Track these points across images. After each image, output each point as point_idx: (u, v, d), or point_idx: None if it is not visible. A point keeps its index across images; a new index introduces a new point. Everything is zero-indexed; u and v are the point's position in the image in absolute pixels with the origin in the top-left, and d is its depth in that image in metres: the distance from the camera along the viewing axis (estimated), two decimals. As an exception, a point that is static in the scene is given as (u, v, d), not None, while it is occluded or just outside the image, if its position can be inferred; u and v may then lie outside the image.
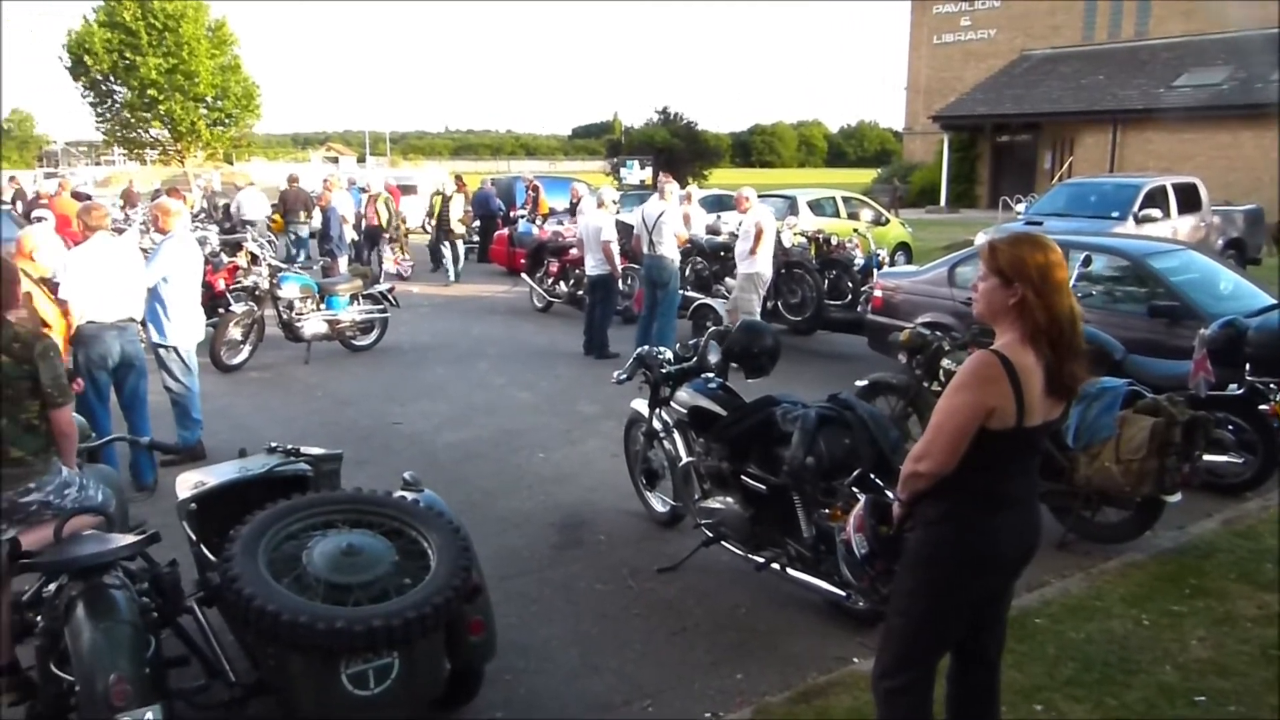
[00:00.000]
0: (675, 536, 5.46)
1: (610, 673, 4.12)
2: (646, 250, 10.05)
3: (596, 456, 6.99)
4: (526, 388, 9.24)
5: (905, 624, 2.88)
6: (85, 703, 2.80)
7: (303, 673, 2.97)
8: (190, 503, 3.84)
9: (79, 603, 3.03)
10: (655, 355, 5.42)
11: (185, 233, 7.21)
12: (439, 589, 3.06)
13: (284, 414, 8.26)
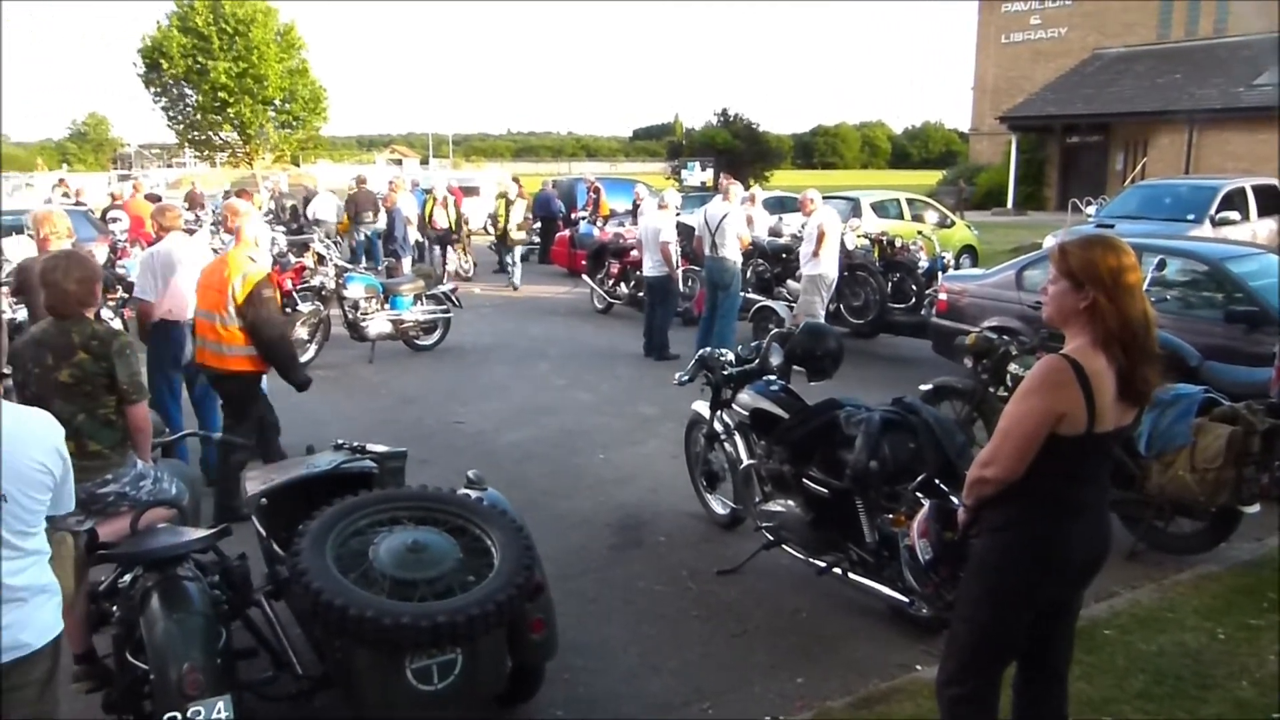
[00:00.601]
0: (735, 539, 5.44)
1: (669, 674, 4.12)
2: (708, 252, 10.04)
3: (656, 458, 6.99)
4: (587, 388, 9.28)
5: (970, 631, 2.84)
6: (159, 691, 2.88)
7: (368, 667, 3.02)
8: (259, 498, 3.93)
9: (154, 594, 3.12)
10: (717, 357, 5.40)
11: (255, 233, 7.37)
12: (502, 587, 3.09)
13: (349, 412, 8.41)
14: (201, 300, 5.75)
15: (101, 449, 3.76)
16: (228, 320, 5.54)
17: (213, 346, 5.65)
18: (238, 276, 5.53)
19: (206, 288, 5.69)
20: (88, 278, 3.82)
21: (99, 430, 3.76)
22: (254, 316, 5.51)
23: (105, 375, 3.76)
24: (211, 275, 5.70)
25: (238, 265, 5.60)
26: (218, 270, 5.67)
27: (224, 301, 5.52)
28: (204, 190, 21.87)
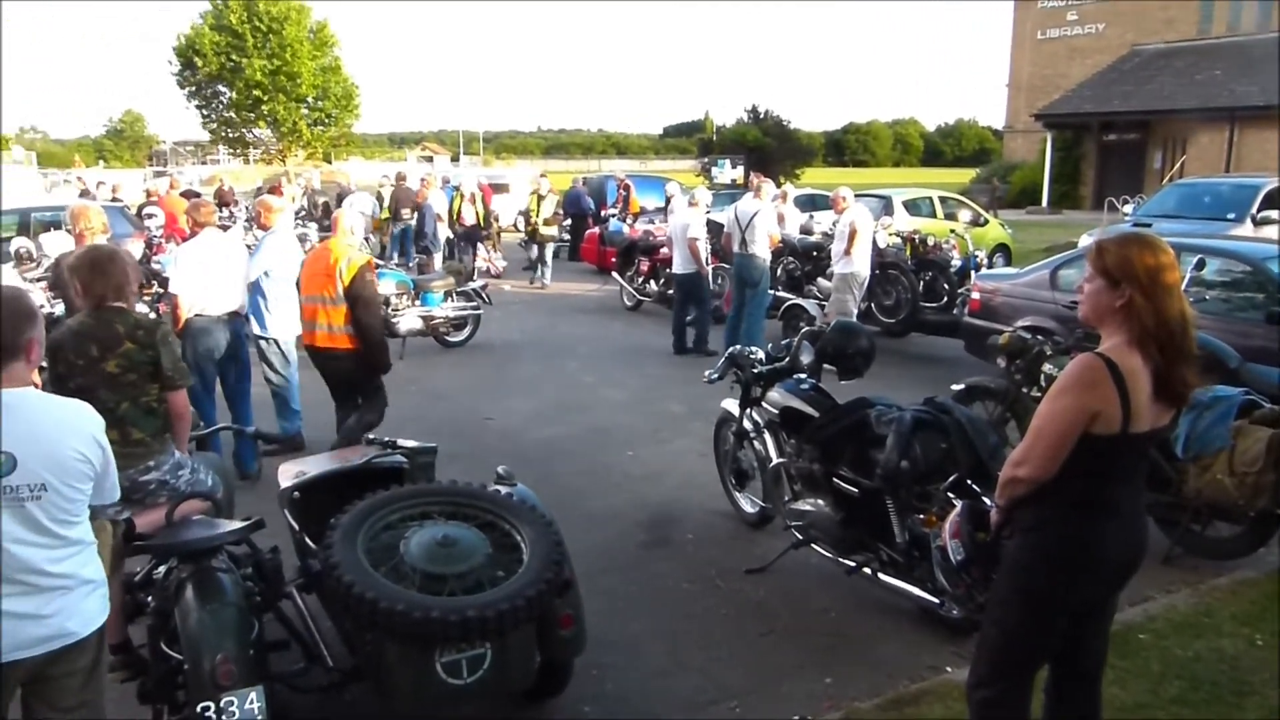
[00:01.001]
0: (764, 538, 5.43)
1: (697, 672, 4.11)
2: (737, 249, 10.01)
3: (685, 456, 6.98)
4: (616, 386, 9.29)
5: (1001, 633, 2.81)
6: (193, 681, 2.91)
7: (398, 660, 3.03)
8: (292, 491, 3.96)
9: (188, 585, 3.15)
10: (747, 355, 5.39)
11: (287, 229, 7.46)
12: (532, 582, 3.09)
13: (380, 407, 8.45)
14: (309, 286, 6.22)
15: (144, 437, 3.82)
16: (337, 301, 6.03)
17: (324, 328, 6.13)
18: (344, 261, 6.04)
19: (314, 274, 6.16)
20: (121, 273, 3.87)
21: (142, 418, 3.82)
22: (357, 297, 6.01)
23: (150, 363, 3.82)
24: (317, 262, 6.20)
25: (343, 251, 6.12)
26: (322, 257, 6.18)
27: (332, 285, 6.02)
28: (235, 187, 22.16)
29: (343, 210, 6.51)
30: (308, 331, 6.27)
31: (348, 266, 6.02)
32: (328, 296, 6.07)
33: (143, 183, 26.42)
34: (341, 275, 6.01)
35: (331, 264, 6.06)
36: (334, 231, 6.40)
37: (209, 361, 6.34)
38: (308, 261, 6.37)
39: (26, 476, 2.41)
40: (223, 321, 6.34)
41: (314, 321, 6.19)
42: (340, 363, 6.23)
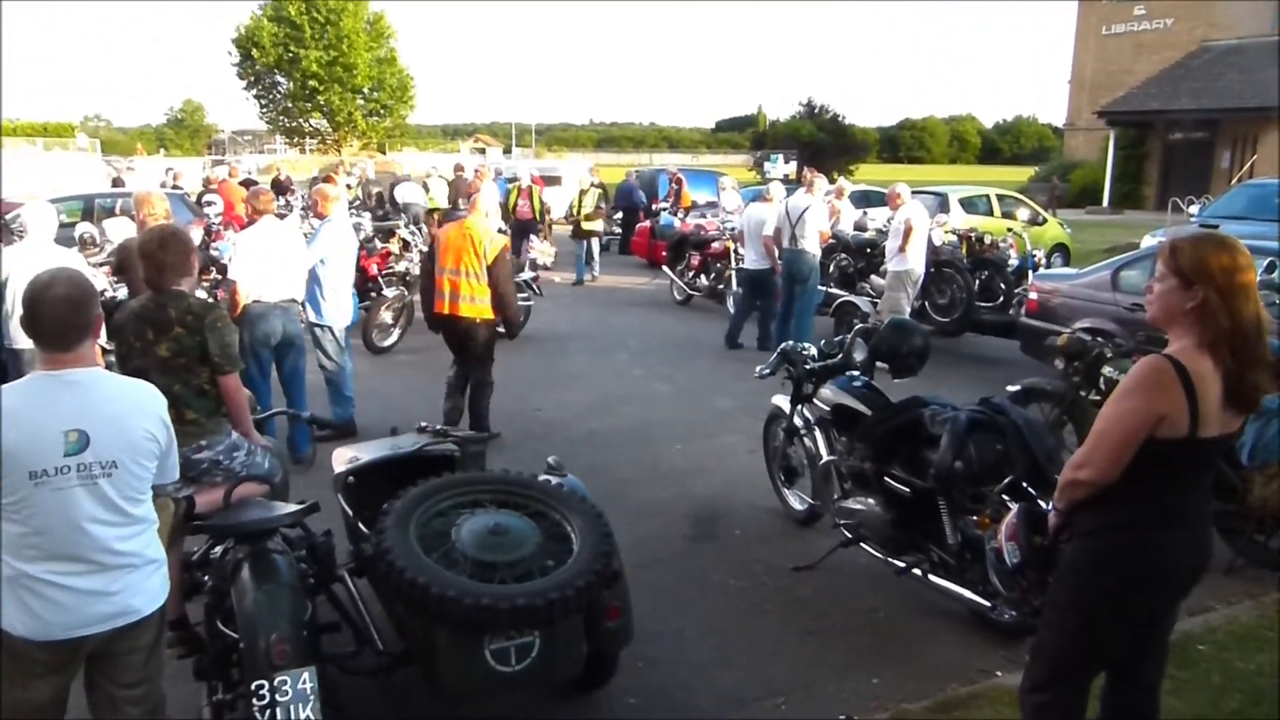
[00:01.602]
0: (812, 535, 5.39)
1: (742, 668, 4.09)
2: (787, 244, 9.94)
3: (733, 451, 6.95)
4: (664, 380, 9.28)
5: (1057, 638, 2.76)
6: (248, 659, 2.95)
7: (448, 645, 3.06)
8: (346, 476, 4.01)
9: (245, 565, 3.20)
10: (800, 351, 5.34)
11: (343, 217, 7.55)
12: (581, 572, 3.10)
13: (429, 396, 8.49)
14: (448, 261, 6.70)
15: (198, 417, 3.87)
16: (481, 276, 6.63)
17: (465, 299, 6.69)
18: (486, 240, 6.67)
19: (459, 250, 6.67)
20: (182, 252, 3.93)
21: (195, 399, 3.87)
22: (498, 273, 6.65)
23: (199, 348, 3.87)
24: (459, 240, 6.70)
25: (484, 231, 6.74)
26: (463, 235, 6.70)
27: (476, 261, 6.62)
28: (291, 176, 22.48)
29: (482, 193, 7.07)
30: (448, 301, 6.74)
31: (491, 246, 6.63)
32: (471, 271, 6.63)
33: (201, 171, 26.96)
34: (485, 254, 6.59)
35: (473, 243, 6.61)
36: (472, 210, 6.93)
37: (265, 347, 6.44)
38: (447, 239, 6.81)
39: (98, 454, 2.46)
40: (279, 308, 6.43)
41: (456, 294, 6.68)
42: (478, 330, 6.82)
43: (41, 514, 2.42)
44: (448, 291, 6.72)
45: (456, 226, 6.89)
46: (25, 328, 2.53)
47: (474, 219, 6.79)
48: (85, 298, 2.55)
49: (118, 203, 13.92)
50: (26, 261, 5.99)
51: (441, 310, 6.80)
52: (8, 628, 2.45)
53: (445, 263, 6.72)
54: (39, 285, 2.52)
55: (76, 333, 2.51)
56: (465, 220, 6.86)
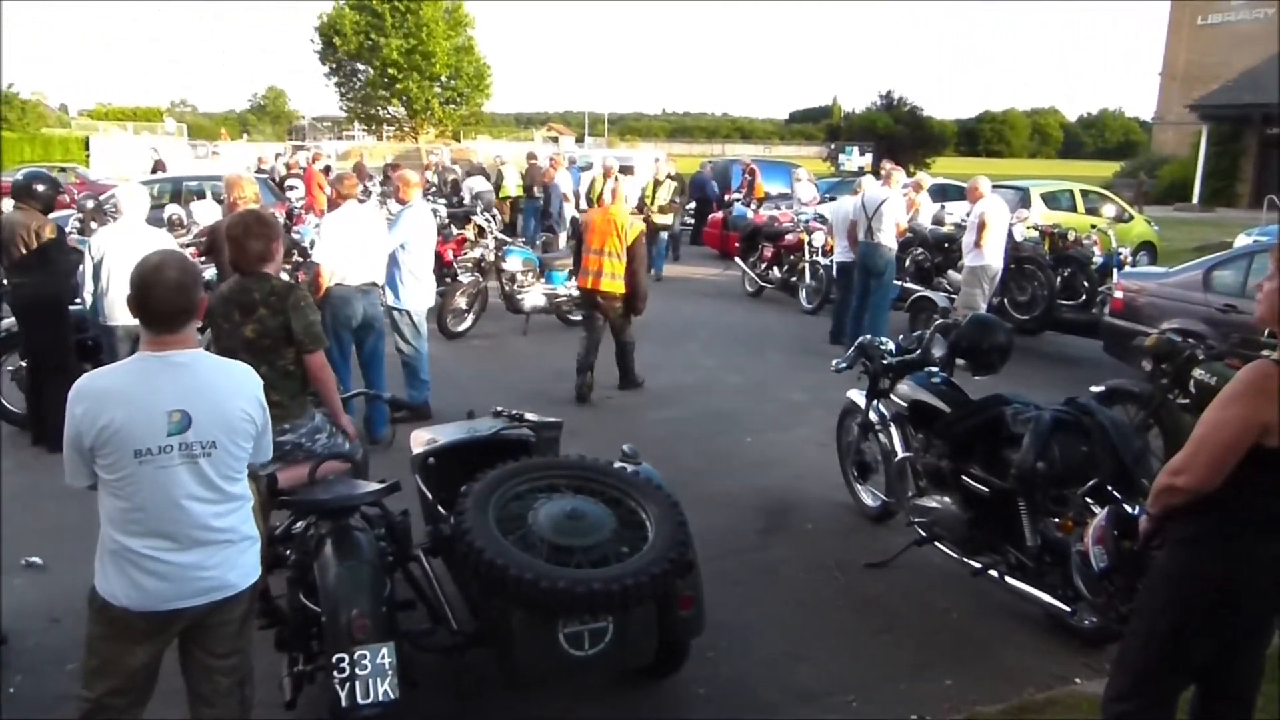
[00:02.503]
0: (885, 532, 5.32)
1: (812, 663, 4.07)
2: (863, 237, 9.81)
3: (804, 445, 6.90)
4: (735, 371, 9.24)
5: (1145, 646, 2.68)
6: (329, 633, 3.02)
7: (522, 627, 3.09)
8: (426, 457, 4.08)
9: (327, 541, 3.27)
10: (877, 345, 5.28)
11: (423, 203, 7.66)
12: (657, 560, 3.11)
13: (502, 381, 8.64)
14: (595, 242, 7.73)
15: (281, 399, 3.94)
16: (621, 255, 7.64)
17: (607, 276, 7.70)
18: (626, 224, 7.70)
19: (603, 233, 7.70)
20: (268, 236, 4.02)
21: (279, 381, 3.94)
22: (635, 251, 7.66)
23: (283, 329, 3.95)
24: (604, 224, 7.73)
25: (625, 216, 7.80)
26: (607, 220, 7.74)
27: (618, 242, 7.63)
28: (365, 163, 22.92)
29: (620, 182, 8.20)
30: (591, 277, 7.78)
31: (630, 229, 7.67)
32: (613, 251, 7.65)
33: (283, 156, 27.63)
34: (625, 235, 7.60)
35: (618, 226, 7.63)
36: (613, 199, 7.93)
37: (345, 329, 6.57)
38: (593, 223, 7.83)
39: (199, 434, 2.53)
40: (360, 291, 6.55)
41: (599, 271, 7.70)
42: (614, 302, 7.82)
43: (144, 491, 2.50)
44: (593, 269, 7.74)
45: (601, 213, 7.90)
46: (133, 308, 2.59)
47: (616, 206, 7.83)
48: (193, 281, 2.62)
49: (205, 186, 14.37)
50: (120, 242, 6.22)
51: (585, 285, 7.89)
52: (109, 597, 2.55)
53: (591, 244, 7.75)
54: (150, 267, 2.58)
55: (183, 315, 2.57)
56: (609, 207, 7.89)
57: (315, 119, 65.66)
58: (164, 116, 64.75)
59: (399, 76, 45.28)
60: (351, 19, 44.76)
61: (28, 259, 6.31)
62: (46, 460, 6.28)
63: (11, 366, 6.98)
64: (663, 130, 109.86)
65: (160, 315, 2.55)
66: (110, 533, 2.55)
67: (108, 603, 2.55)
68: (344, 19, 44.91)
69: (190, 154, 32.50)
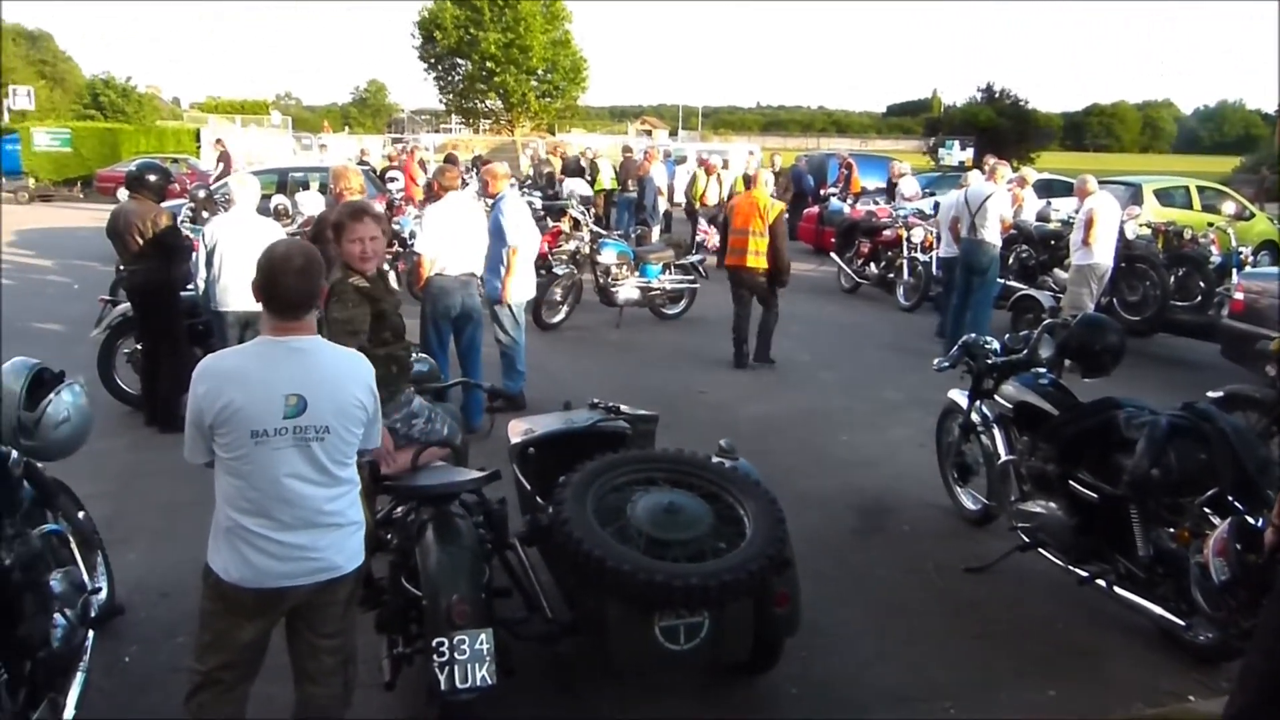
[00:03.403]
0: (985, 536, 5.19)
1: (907, 667, 3.99)
2: (965, 233, 9.56)
3: (901, 444, 6.77)
4: (830, 368, 9.12)
5: (1270, 665, 2.54)
6: (430, 617, 3.07)
7: (618, 619, 3.10)
8: (526, 447, 4.12)
9: (429, 526, 3.33)
10: (981, 345, 5.13)
11: (516, 195, 7.73)
12: (755, 556, 3.08)
13: (595, 373, 8.69)
14: (741, 223, 8.62)
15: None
16: (764, 234, 8.49)
17: (751, 253, 8.57)
18: (768, 205, 8.57)
19: (747, 215, 8.59)
20: (381, 229, 4.10)
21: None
22: (777, 230, 8.54)
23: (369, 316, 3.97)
24: (748, 207, 8.64)
25: (767, 199, 8.66)
26: (751, 203, 8.65)
27: (761, 223, 8.49)
28: (462, 156, 23.29)
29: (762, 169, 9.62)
30: (737, 256, 8.67)
31: (772, 209, 8.53)
32: (756, 230, 8.49)
33: (382, 149, 28.32)
34: (768, 215, 8.44)
35: (761, 208, 8.50)
36: (755, 184, 8.97)
37: (445, 319, 6.68)
38: (739, 207, 8.76)
39: (313, 419, 2.60)
40: (460, 282, 6.65)
41: (744, 249, 8.58)
42: (758, 277, 8.65)
43: (258, 471, 2.58)
44: (739, 248, 8.63)
45: (745, 196, 8.89)
46: (258, 294, 2.66)
47: (759, 190, 8.80)
48: (317, 271, 2.69)
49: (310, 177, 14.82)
50: (232, 230, 6.43)
51: (733, 262, 8.76)
52: (222, 573, 2.64)
53: (736, 224, 8.66)
54: (277, 255, 2.66)
55: (305, 303, 2.65)
56: (752, 191, 8.92)
57: (414, 112, 67.11)
58: (270, 109, 66.99)
59: (496, 70, 45.85)
60: (451, 13, 45.50)
61: (143, 247, 6.57)
62: (158, 440, 6.57)
63: (128, 350, 7.28)
64: (757, 124, 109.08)
65: (283, 302, 2.63)
66: (225, 510, 2.64)
67: (220, 578, 2.64)
68: (444, 13, 45.68)
69: (295, 146, 33.48)
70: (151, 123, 40.06)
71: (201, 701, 2.74)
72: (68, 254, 15.98)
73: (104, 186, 24.45)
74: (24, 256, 15.94)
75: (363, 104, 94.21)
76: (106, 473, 5.70)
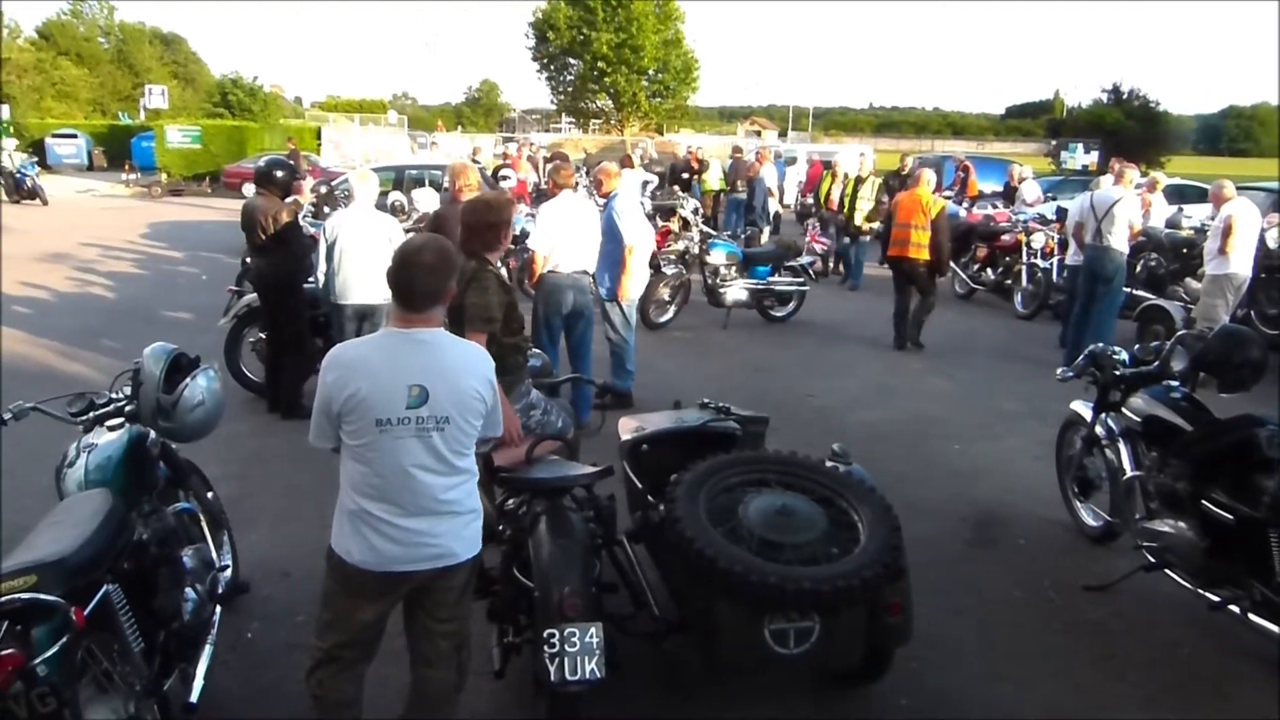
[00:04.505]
0: (1106, 554, 4.99)
1: (1023, 686, 3.86)
2: (1090, 240, 9.19)
3: (1016, 456, 6.57)
4: (943, 375, 8.90)
5: None
6: (541, 608, 3.09)
7: (727, 620, 3.08)
8: (640, 444, 4.13)
9: (542, 519, 3.37)
10: (1109, 355, 4.93)
11: (631, 195, 7.76)
12: (870, 563, 3.03)
13: (702, 374, 8.68)
14: (904, 217, 9.50)
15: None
16: (926, 229, 9.38)
17: (914, 245, 9.46)
18: (931, 202, 9.47)
19: (911, 210, 9.47)
20: (502, 222, 4.20)
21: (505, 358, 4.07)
22: (938, 224, 9.42)
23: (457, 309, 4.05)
24: (911, 203, 9.51)
25: (930, 196, 9.56)
26: (914, 199, 9.53)
27: (924, 217, 9.39)
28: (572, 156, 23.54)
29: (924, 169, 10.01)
30: (900, 247, 9.55)
31: (934, 205, 9.45)
32: (919, 224, 9.38)
33: (494, 148, 28.85)
34: (930, 210, 9.37)
35: (924, 204, 9.40)
36: (918, 184, 9.69)
37: (556, 316, 6.75)
38: (902, 203, 9.63)
39: (435, 409, 2.66)
40: (571, 279, 6.72)
41: (906, 241, 9.47)
42: (918, 267, 9.54)
43: (381, 458, 2.66)
44: (901, 239, 9.51)
45: (909, 194, 9.71)
46: (390, 284, 2.75)
47: (921, 188, 9.57)
48: (447, 268, 2.75)
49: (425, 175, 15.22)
50: (352, 225, 6.64)
51: (895, 254, 9.64)
52: (344, 555, 2.73)
53: (900, 219, 9.55)
54: (411, 249, 2.75)
55: (430, 298, 2.71)
56: (915, 189, 9.66)
57: (525, 112, 68.20)
58: (387, 109, 69.00)
59: (608, 70, 46.24)
60: (565, 14, 46.10)
61: (268, 241, 6.82)
62: (279, 426, 6.83)
63: (253, 339, 7.58)
64: (868, 125, 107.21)
65: (409, 295, 2.70)
66: (350, 495, 2.72)
67: (343, 560, 2.73)
68: (558, 14, 46.31)
69: (411, 144, 34.40)
70: (275, 121, 41.75)
71: (321, 678, 2.85)
72: (196, 246, 16.80)
73: (230, 182, 25.61)
74: (156, 248, 16.81)
75: (475, 103, 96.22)
76: (231, 456, 5.94)
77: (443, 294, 2.74)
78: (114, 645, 2.81)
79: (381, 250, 6.60)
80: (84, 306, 11.29)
